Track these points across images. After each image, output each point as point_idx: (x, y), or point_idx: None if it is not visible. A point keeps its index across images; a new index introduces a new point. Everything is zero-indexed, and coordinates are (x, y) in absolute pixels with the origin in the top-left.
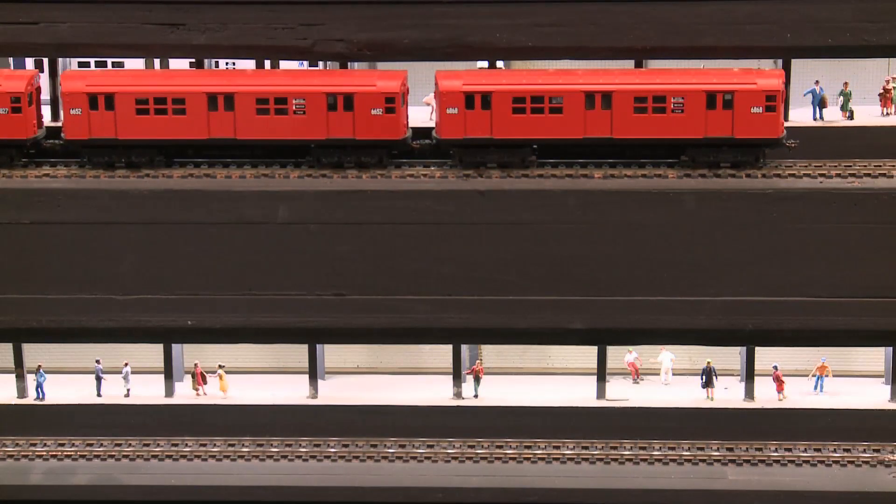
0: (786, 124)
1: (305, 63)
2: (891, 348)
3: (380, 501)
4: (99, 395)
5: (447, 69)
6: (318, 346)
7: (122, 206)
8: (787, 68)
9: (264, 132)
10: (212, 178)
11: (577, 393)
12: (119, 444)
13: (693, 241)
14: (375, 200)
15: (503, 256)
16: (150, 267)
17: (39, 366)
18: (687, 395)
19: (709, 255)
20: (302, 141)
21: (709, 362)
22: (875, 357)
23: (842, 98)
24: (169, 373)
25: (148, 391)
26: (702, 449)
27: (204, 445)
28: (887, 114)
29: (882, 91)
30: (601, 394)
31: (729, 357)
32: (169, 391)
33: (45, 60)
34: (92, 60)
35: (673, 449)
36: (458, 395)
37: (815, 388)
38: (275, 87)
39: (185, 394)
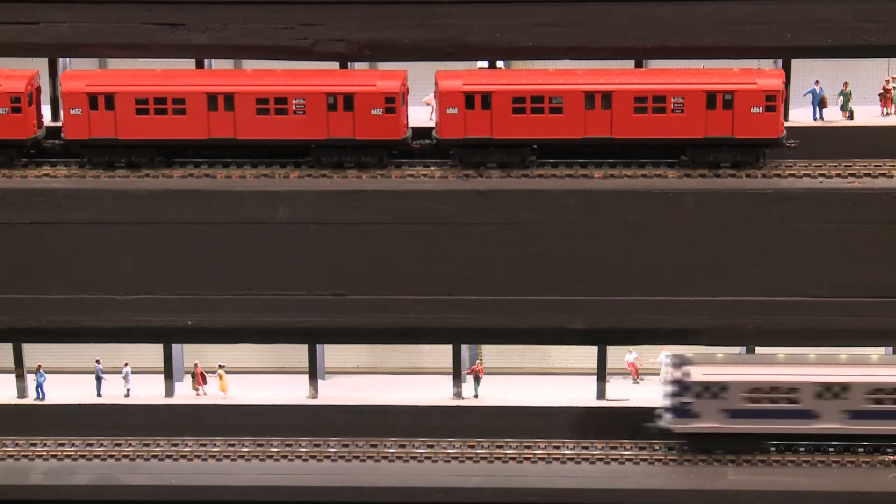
0: (786, 124)
1: None
2: (891, 348)
3: (380, 501)
4: (99, 395)
5: (447, 69)
6: (318, 346)
7: (122, 206)
8: (787, 68)
9: (264, 132)
10: (212, 178)
11: (577, 393)
12: (119, 444)
13: (693, 241)
14: (375, 200)
15: (503, 256)
16: (150, 267)
17: (39, 366)
18: None
19: (709, 255)
20: (302, 141)
21: None
22: None
23: (842, 98)
24: (169, 373)
25: (148, 391)
26: None
27: (204, 445)
28: (887, 114)
29: (882, 91)
30: (601, 394)
31: None
32: (169, 391)
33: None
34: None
35: (672, 449)
36: (458, 395)
37: None
38: (275, 87)
39: (185, 394)
